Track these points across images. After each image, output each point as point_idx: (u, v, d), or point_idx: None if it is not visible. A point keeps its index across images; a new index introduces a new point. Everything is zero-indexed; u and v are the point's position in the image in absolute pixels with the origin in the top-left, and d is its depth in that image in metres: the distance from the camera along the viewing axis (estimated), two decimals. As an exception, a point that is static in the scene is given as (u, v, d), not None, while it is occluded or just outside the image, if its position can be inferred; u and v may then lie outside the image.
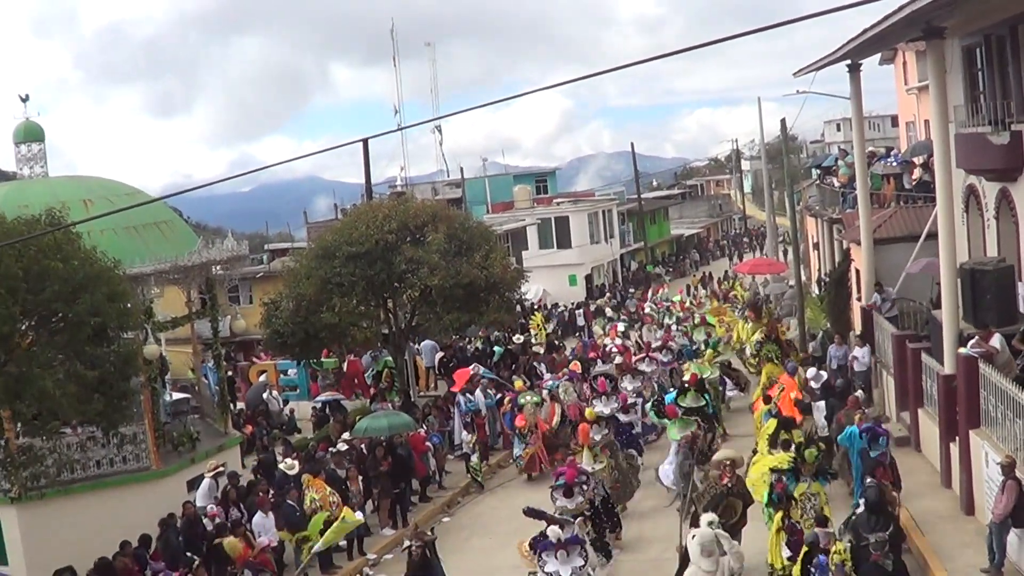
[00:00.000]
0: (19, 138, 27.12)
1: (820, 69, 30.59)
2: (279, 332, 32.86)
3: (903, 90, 47.50)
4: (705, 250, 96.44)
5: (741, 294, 56.61)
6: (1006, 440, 17.79)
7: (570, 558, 17.66)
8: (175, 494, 24.24)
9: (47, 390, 17.74)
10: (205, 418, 28.93)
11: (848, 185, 36.29)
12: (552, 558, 17.69)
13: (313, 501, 22.12)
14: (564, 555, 17.66)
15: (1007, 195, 22.74)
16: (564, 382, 31.96)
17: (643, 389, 32.17)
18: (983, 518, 18.31)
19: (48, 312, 18.72)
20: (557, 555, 17.65)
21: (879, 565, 15.63)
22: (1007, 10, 20.37)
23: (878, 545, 15.74)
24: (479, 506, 27.15)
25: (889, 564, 15.71)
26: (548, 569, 17.70)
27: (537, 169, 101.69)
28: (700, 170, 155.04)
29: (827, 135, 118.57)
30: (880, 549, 15.70)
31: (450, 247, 32.36)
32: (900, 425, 25.91)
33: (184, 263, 25.49)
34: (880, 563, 15.62)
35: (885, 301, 29.06)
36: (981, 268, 22.30)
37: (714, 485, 18.37)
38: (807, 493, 18.47)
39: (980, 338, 20.06)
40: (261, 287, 45.41)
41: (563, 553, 17.67)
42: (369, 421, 27.38)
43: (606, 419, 26.40)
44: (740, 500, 18.73)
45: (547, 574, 17.69)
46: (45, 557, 21.39)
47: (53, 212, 19.58)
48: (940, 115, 21.79)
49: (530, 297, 57.93)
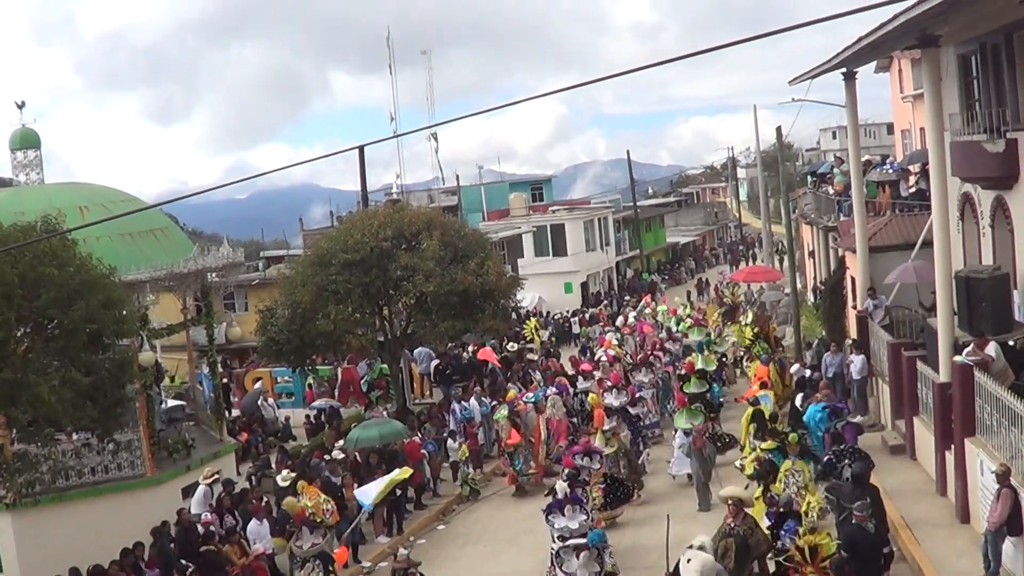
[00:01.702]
0: (15, 145, 27.15)
1: (816, 77, 30.59)
2: (274, 339, 32.85)
3: (899, 98, 47.62)
4: (701, 258, 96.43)
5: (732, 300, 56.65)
6: (1001, 448, 17.78)
7: (575, 514, 19.83)
8: (170, 501, 24.22)
9: (42, 397, 17.69)
10: (200, 425, 28.90)
11: (844, 193, 36.33)
12: (559, 516, 19.78)
13: (306, 508, 22.09)
14: (570, 511, 19.82)
15: (1002, 203, 22.75)
16: (553, 395, 30.88)
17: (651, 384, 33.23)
18: (978, 526, 18.31)
19: (43, 319, 18.68)
20: (564, 512, 19.81)
21: (862, 527, 16.51)
22: (1002, 18, 20.40)
23: (862, 507, 16.67)
24: (474, 514, 27.13)
25: (871, 526, 16.70)
26: (558, 525, 19.67)
27: (533, 177, 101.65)
28: (696, 178, 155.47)
29: (823, 143, 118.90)
30: (864, 511, 16.62)
31: (445, 254, 32.34)
32: (895, 433, 25.92)
33: (180, 270, 25.48)
34: (863, 525, 16.51)
35: (877, 308, 29.08)
36: (976, 276, 22.29)
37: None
38: (791, 469, 20.19)
39: (975, 346, 20.05)
40: (256, 294, 45.40)
41: (569, 509, 19.83)
42: (360, 431, 27.35)
43: (616, 411, 27.99)
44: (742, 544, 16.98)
45: (558, 530, 19.64)
46: (40, 564, 21.39)
47: (49, 219, 19.57)
48: (935, 123, 21.81)
49: (525, 305, 57.91)
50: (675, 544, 16.63)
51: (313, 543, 20.47)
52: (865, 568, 16.18)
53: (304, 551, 20.42)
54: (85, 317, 18.55)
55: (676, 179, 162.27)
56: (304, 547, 20.44)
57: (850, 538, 16.39)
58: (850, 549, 16.08)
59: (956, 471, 20.03)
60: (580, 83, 10.87)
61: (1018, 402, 17.00)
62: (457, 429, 29.78)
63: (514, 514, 26.30)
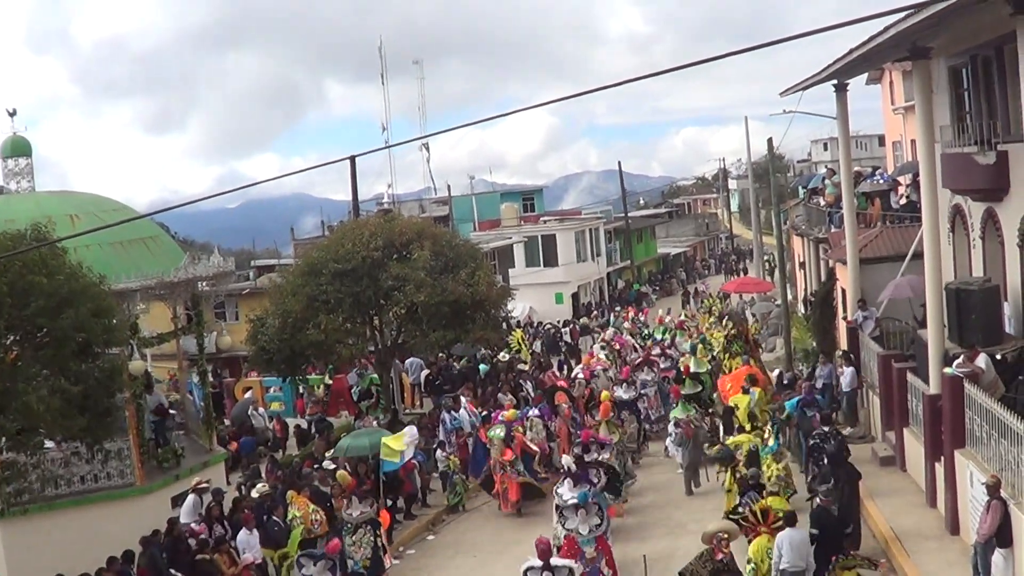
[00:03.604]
0: (6, 153, 27.05)
1: (807, 88, 30.68)
2: (265, 349, 32.83)
3: (890, 110, 47.77)
4: (692, 269, 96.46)
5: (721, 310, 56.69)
6: (991, 460, 17.80)
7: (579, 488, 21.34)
8: (159, 510, 24.13)
9: (31, 405, 17.64)
10: (190, 434, 28.83)
11: (834, 205, 36.38)
12: (563, 485, 21.58)
13: (295, 518, 22.08)
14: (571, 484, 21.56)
15: (993, 215, 22.79)
16: (533, 418, 29.01)
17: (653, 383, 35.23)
18: (968, 538, 18.32)
19: (32, 327, 18.62)
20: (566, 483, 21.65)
21: (827, 509, 17.92)
22: (993, 31, 20.44)
23: (827, 492, 18.49)
24: (463, 524, 27.05)
25: (835, 509, 18.16)
26: (565, 497, 21.06)
27: (524, 187, 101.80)
28: (687, 189, 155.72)
29: (814, 154, 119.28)
30: (828, 495, 18.35)
31: (436, 264, 32.32)
32: (886, 445, 25.94)
33: (170, 279, 25.38)
34: (828, 508, 17.96)
35: (867, 320, 29.11)
36: (967, 288, 22.33)
37: (707, 560, 17.72)
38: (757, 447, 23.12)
39: (966, 358, 20.07)
40: (247, 303, 45.37)
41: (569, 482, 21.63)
42: (351, 440, 27.29)
43: (626, 403, 31.57)
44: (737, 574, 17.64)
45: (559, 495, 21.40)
46: (29, 573, 21.29)
47: (39, 227, 19.52)
48: (926, 135, 21.87)
49: (516, 315, 57.89)
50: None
51: (362, 511, 22.47)
52: (828, 546, 17.30)
53: (354, 518, 22.36)
54: (75, 326, 18.49)
55: (667, 190, 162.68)
56: (354, 515, 22.40)
57: (817, 519, 17.74)
58: (816, 528, 17.50)
59: (946, 483, 20.05)
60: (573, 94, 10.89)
61: (1008, 414, 17.02)
62: (447, 439, 29.66)
63: (504, 525, 26.24)
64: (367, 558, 22.06)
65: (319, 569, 19.67)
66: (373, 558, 22.15)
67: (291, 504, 22.42)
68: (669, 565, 20.03)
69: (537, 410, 29.70)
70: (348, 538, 22.02)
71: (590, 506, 20.57)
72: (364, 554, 22.08)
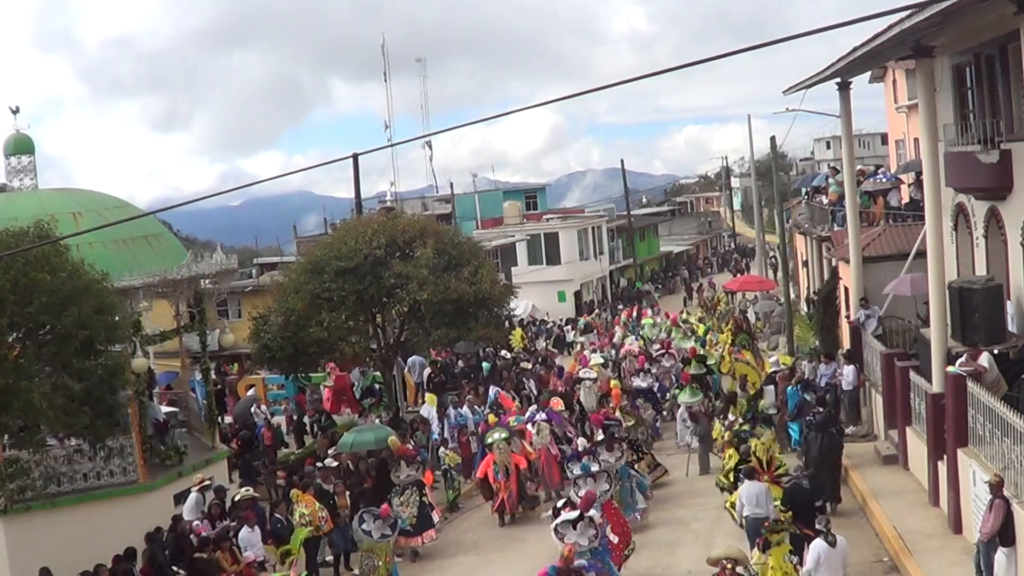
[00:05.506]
0: (9, 150, 27.06)
1: (810, 87, 30.65)
2: (268, 346, 32.81)
3: (893, 108, 47.71)
4: (695, 267, 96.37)
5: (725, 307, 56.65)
6: (994, 459, 17.79)
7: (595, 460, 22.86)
8: (162, 508, 24.15)
9: (34, 402, 17.66)
10: (193, 432, 28.84)
11: (837, 203, 36.34)
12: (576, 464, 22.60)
13: (303, 516, 22.06)
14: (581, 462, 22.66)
15: (996, 214, 22.76)
16: (540, 422, 27.55)
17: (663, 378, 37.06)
18: (971, 537, 18.30)
19: (35, 324, 18.65)
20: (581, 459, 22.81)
21: (800, 484, 19.54)
22: (997, 29, 20.40)
23: (798, 470, 20.90)
24: (464, 522, 27.04)
25: (805, 483, 19.63)
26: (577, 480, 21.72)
27: (527, 185, 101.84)
28: (690, 187, 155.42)
29: (817, 153, 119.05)
30: (799, 472, 20.62)
31: (439, 262, 32.28)
32: (888, 443, 25.93)
33: (173, 276, 25.41)
34: (800, 483, 19.58)
35: (870, 318, 29.07)
36: (970, 287, 22.30)
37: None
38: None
39: (968, 357, 20.06)
40: (250, 301, 45.30)
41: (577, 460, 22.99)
42: (355, 435, 27.27)
43: (643, 392, 33.71)
44: None
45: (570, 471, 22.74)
46: (31, 570, 21.27)
47: (42, 224, 19.53)
48: (929, 134, 21.84)
49: (519, 313, 57.87)
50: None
51: (409, 474, 24.31)
52: (801, 517, 18.26)
53: (402, 480, 24.21)
54: (77, 323, 18.52)
55: (670, 188, 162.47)
56: (402, 477, 24.25)
57: (790, 494, 19.46)
58: (789, 502, 19.14)
59: (949, 481, 20.04)
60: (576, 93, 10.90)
61: (1011, 413, 17.01)
62: (450, 436, 29.67)
63: (504, 522, 26.21)
64: (414, 515, 23.80)
65: (377, 526, 21.30)
66: (420, 515, 23.96)
67: (298, 503, 22.40)
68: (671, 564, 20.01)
69: (544, 414, 28.21)
70: (396, 499, 23.70)
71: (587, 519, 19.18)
72: (411, 512, 23.78)
